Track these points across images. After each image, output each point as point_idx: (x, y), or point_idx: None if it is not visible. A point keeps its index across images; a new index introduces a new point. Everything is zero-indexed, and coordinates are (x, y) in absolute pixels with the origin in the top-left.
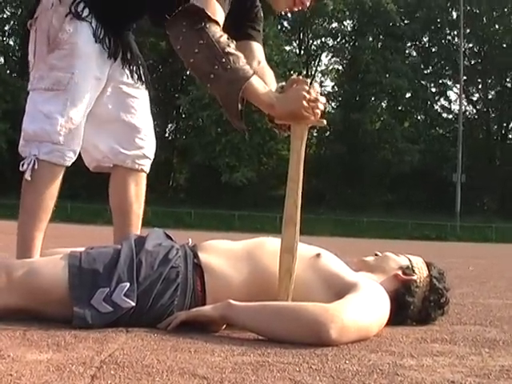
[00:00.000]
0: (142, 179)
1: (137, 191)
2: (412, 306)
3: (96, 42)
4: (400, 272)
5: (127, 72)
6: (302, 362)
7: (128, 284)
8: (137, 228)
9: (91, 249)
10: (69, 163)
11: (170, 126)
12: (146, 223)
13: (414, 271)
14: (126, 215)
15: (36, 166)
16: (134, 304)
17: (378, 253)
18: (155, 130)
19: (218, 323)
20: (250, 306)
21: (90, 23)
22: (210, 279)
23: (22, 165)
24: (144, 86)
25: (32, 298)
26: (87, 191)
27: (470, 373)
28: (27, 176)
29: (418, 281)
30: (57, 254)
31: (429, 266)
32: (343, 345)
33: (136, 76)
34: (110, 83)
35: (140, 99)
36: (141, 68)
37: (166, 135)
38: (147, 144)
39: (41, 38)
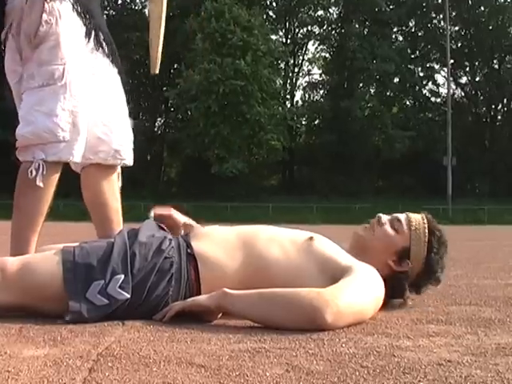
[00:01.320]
0: (113, 173)
1: (110, 186)
2: (405, 289)
3: (77, 15)
4: (395, 258)
5: (100, 54)
6: (298, 347)
7: (122, 276)
8: (118, 223)
9: (85, 243)
10: (79, 158)
11: (159, 120)
12: (138, 218)
13: (409, 255)
14: (104, 212)
15: (45, 171)
16: (129, 296)
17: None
18: (144, 125)
19: (213, 312)
20: (245, 294)
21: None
22: (204, 269)
23: (31, 172)
24: (116, 69)
25: (27, 295)
26: (79, 189)
27: (467, 352)
28: (39, 182)
29: (414, 264)
30: (50, 250)
31: (430, 244)
32: (339, 329)
33: (110, 58)
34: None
35: (111, 86)
36: (113, 52)
37: (156, 129)
38: (121, 133)
39: (23, 40)
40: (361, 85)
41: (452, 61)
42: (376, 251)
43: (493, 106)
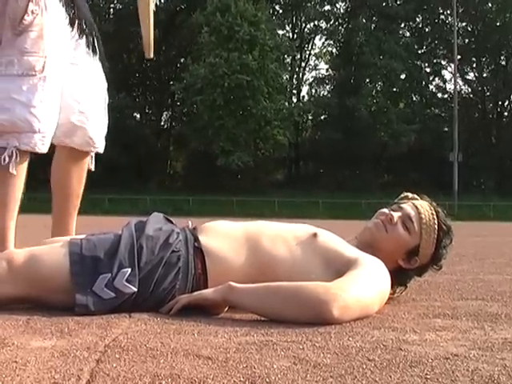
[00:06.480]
0: (84, 159)
1: (79, 171)
2: (409, 280)
3: (62, 6)
4: (404, 257)
5: (84, 42)
6: (305, 340)
7: (129, 269)
8: (75, 207)
9: (92, 236)
10: (46, 150)
11: (165, 114)
12: (144, 212)
13: (419, 251)
14: (66, 194)
15: (18, 158)
16: (135, 289)
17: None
18: (150, 119)
19: (219, 306)
20: (252, 288)
21: None
22: (211, 262)
23: (4, 159)
24: (98, 57)
25: (34, 286)
26: (86, 183)
27: (473, 346)
28: (12, 170)
29: (421, 260)
30: (57, 242)
31: (438, 240)
32: (346, 323)
33: (91, 47)
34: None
35: (91, 75)
36: (95, 39)
37: (162, 123)
38: (97, 122)
39: (5, 23)
40: (367, 80)
41: (459, 57)
42: (387, 251)
43: (499, 103)
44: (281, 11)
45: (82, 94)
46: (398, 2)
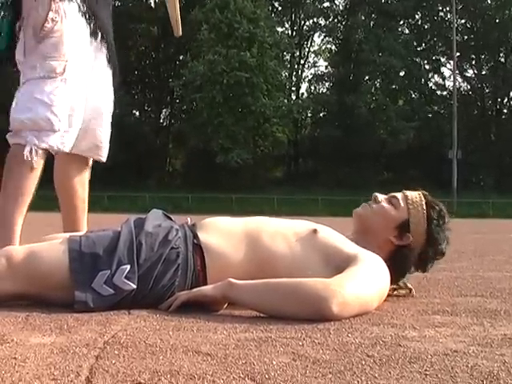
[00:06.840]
0: (85, 164)
1: (80, 175)
2: (409, 265)
3: (82, 16)
4: (396, 234)
5: (103, 52)
6: (304, 337)
7: (128, 266)
8: (83, 211)
9: (91, 232)
10: (68, 149)
11: (164, 111)
12: (143, 209)
13: (409, 227)
14: (71, 198)
15: (38, 156)
16: (135, 286)
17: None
18: (150, 116)
19: (219, 302)
20: (251, 284)
21: (75, 1)
22: (210, 259)
23: (27, 156)
24: (112, 70)
25: (33, 283)
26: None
27: (473, 342)
28: (35, 166)
29: (415, 238)
30: (56, 239)
31: (429, 216)
32: (345, 319)
33: (107, 59)
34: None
35: (105, 84)
36: (112, 53)
37: (161, 121)
38: (104, 131)
39: (29, 33)
40: (366, 77)
41: (458, 54)
42: (376, 228)
43: (499, 100)
44: (280, 8)
45: (96, 103)
46: None
